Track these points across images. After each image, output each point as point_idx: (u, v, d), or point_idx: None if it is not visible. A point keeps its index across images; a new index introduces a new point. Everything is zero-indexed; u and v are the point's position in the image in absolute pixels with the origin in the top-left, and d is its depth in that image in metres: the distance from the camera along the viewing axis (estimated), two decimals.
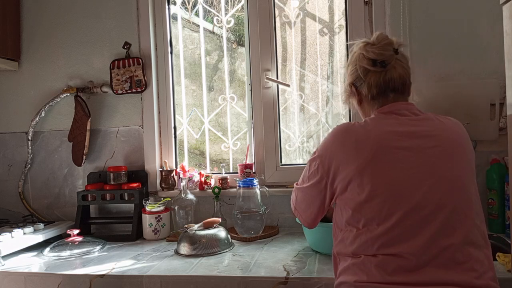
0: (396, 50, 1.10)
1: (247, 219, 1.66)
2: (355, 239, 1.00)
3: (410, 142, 1.00)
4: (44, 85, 2.02)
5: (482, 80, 1.58)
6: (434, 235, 0.93)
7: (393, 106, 1.09)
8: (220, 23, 1.97)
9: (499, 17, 1.10)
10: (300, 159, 1.94)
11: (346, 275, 1.00)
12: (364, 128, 1.05)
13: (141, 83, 1.89)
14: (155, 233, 1.74)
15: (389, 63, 1.09)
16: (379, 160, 0.99)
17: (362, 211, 0.99)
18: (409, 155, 0.99)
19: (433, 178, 0.97)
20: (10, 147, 2.06)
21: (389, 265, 0.94)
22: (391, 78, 1.09)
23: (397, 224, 0.95)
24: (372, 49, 1.10)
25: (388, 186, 0.97)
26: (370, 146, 1.00)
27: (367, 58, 1.10)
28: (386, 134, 1.02)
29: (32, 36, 2.03)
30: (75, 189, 1.99)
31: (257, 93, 1.86)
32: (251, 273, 1.27)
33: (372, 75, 1.11)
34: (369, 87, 1.11)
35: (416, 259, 0.92)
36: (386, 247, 0.95)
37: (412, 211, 0.95)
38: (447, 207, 0.95)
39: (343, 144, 1.04)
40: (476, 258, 0.93)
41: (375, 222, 0.97)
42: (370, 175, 0.98)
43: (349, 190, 1.02)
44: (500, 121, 1.55)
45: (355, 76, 1.15)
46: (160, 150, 1.97)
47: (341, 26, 1.86)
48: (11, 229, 1.67)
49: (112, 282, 1.33)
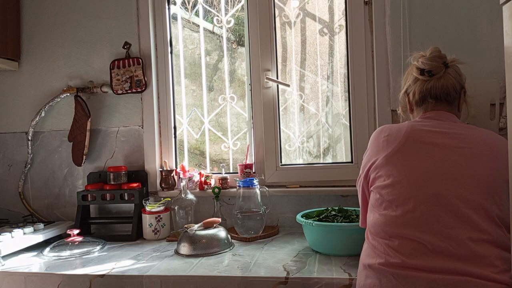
0: (446, 64, 1.21)
1: (247, 219, 1.66)
2: (375, 221, 1.06)
3: (440, 140, 1.06)
4: (44, 85, 2.02)
5: (482, 80, 1.57)
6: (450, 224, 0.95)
7: (433, 113, 1.18)
8: (220, 23, 1.97)
9: (499, 17, 1.11)
10: (300, 159, 1.94)
11: (365, 257, 1.05)
12: (398, 125, 1.15)
13: (141, 83, 1.89)
14: (155, 233, 1.74)
15: (436, 73, 1.20)
16: (406, 151, 1.07)
17: (384, 195, 1.06)
18: (437, 150, 1.04)
19: (457, 174, 1.00)
20: (10, 147, 2.06)
21: (406, 248, 0.97)
22: (433, 86, 1.19)
23: (415, 208, 0.99)
24: (423, 59, 1.22)
25: (411, 173, 1.03)
26: (400, 138, 1.09)
27: (416, 67, 1.23)
28: (417, 131, 1.10)
29: (32, 36, 2.03)
30: (75, 189, 1.99)
31: (257, 93, 1.86)
32: (251, 273, 1.27)
33: (419, 83, 1.22)
34: (414, 93, 1.23)
35: (431, 246, 0.94)
36: (402, 229, 0.98)
37: (431, 198, 0.98)
38: (468, 202, 0.96)
39: (377, 140, 1.16)
40: (498, 255, 0.93)
41: (394, 204, 1.03)
42: (396, 162, 1.06)
43: (378, 178, 1.10)
44: (500, 121, 1.55)
45: (408, 85, 1.27)
46: (160, 150, 1.97)
47: (341, 26, 1.86)
48: (11, 229, 1.67)
49: (112, 282, 1.33)
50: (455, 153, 1.03)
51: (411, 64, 1.28)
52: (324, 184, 1.79)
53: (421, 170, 1.02)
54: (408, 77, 1.28)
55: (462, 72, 1.25)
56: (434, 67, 1.20)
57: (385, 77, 1.68)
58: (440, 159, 1.02)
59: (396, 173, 1.05)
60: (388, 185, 1.05)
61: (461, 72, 1.25)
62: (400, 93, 1.33)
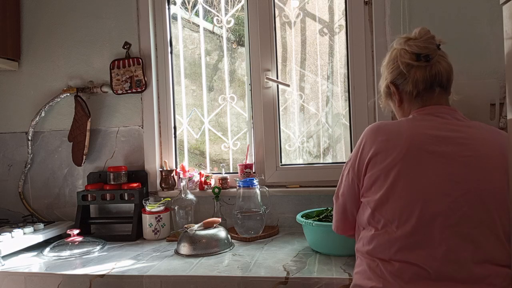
0: (438, 46, 1.08)
1: (247, 219, 1.66)
2: (372, 239, 0.98)
3: (444, 148, 0.96)
4: (44, 85, 2.02)
5: (482, 80, 1.57)
6: (454, 247, 0.90)
7: (433, 108, 1.06)
8: (220, 23, 1.97)
9: (499, 17, 1.11)
10: (300, 159, 1.94)
11: (362, 279, 0.98)
12: (397, 127, 1.02)
13: (141, 83, 1.89)
14: (155, 233, 1.74)
15: (433, 57, 1.06)
16: (409, 163, 0.96)
17: (382, 212, 0.97)
18: (441, 161, 0.95)
19: (462, 189, 0.93)
20: (10, 147, 2.06)
21: (405, 274, 0.91)
22: (438, 72, 1.06)
23: (417, 230, 0.92)
24: (415, 43, 1.07)
25: (414, 190, 0.94)
26: (401, 146, 0.97)
27: (410, 52, 1.07)
28: (420, 136, 0.98)
29: (32, 36, 2.03)
30: (75, 189, 1.99)
31: (257, 93, 1.86)
32: (251, 273, 1.27)
33: (416, 70, 1.07)
34: (415, 82, 1.07)
35: (433, 271, 0.89)
36: (403, 252, 0.92)
37: (434, 219, 0.91)
38: (472, 221, 0.91)
39: (372, 143, 1.02)
40: (497, 274, 0.90)
41: (394, 224, 0.94)
42: (397, 176, 0.96)
43: (373, 189, 1.00)
44: (500, 121, 1.55)
45: (396, 73, 1.10)
46: (160, 150, 1.97)
47: (341, 26, 1.86)
48: (11, 229, 1.67)
49: (112, 282, 1.33)
50: (458, 165, 0.94)
51: (393, 49, 1.13)
52: (324, 184, 1.79)
53: (423, 186, 0.93)
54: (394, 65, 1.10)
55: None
56: (431, 50, 1.06)
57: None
58: (445, 172, 0.94)
59: (396, 187, 0.95)
60: (386, 201, 0.96)
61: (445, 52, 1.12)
62: (382, 84, 1.17)
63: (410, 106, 1.11)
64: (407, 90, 1.09)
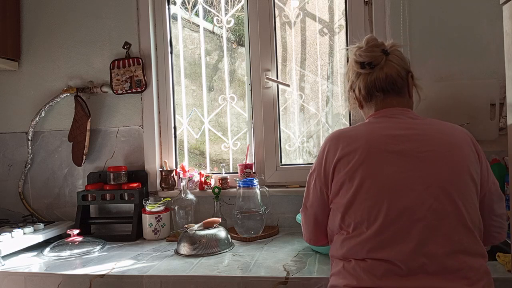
0: (385, 51, 1.11)
1: (247, 219, 1.66)
2: (344, 242, 1.00)
3: (402, 146, 0.99)
4: (44, 85, 2.02)
5: (482, 80, 1.58)
6: (424, 241, 0.91)
7: (388, 111, 1.10)
8: (220, 23, 1.97)
9: (499, 17, 1.11)
10: (300, 159, 1.94)
11: (337, 279, 1.00)
12: (355, 132, 1.06)
13: (141, 83, 1.89)
14: (155, 233, 1.74)
15: (377, 64, 1.11)
16: (370, 164, 0.99)
17: (351, 214, 0.99)
18: (401, 159, 0.98)
19: (424, 184, 0.95)
20: (10, 147, 2.06)
21: (378, 270, 0.93)
22: (377, 78, 1.10)
23: (386, 228, 0.94)
24: (360, 52, 1.12)
25: (378, 189, 0.97)
26: (361, 149, 1.00)
27: (355, 61, 1.14)
28: (377, 138, 1.02)
29: (32, 36, 2.03)
30: (75, 189, 1.99)
31: (257, 93, 1.86)
32: (251, 273, 1.27)
33: (361, 77, 1.13)
34: (359, 89, 1.14)
35: (405, 266, 0.91)
36: (375, 251, 0.94)
37: (401, 215, 0.93)
38: (439, 213, 0.93)
39: (335, 150, 1.05)
40: (470, 266, 0.91)
41: (364, 225, 0.96)
42: (361, 178, 0.98)
43: (340, 194, 1.02)
44: (500, 121, 1.55)
45: (351, 81, 1.18)
46: (160, 150, 1.97)
47: (341, 26, 1.86)
48: (11, 229, 1.67)
49: (112, 282, 1.33)
50: (418, 160, 0.97)
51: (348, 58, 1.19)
52: None
53: (386, 184, 0.96)
54: (349, 73, 1.18)
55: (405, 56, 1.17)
56: (374, 57, 1.10)
57: None
58: (406, 169, 0.97)
59: (361, 190, 0.97)
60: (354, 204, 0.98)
61: (403, 56, 1.15)
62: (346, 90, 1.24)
63: (368, 108, 1.16)
64: (357, 96, 1.16)
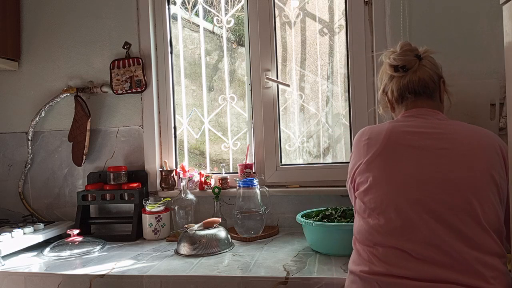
0: (418, 56, 1.18)
1: (247, 219, 1.66)
2: (360, 227, 1.05)
3: (421, 142, 1.03)
4: (44, 85, 2.02)
5: (482, 80, 1.57)
6: (434, 232, 0.93)
7: (416, 111, 1.15)
8: (220, 23, 1.97)
9: (499, 17, 1.11)
10: (300, 159, 1.94)
11: (353, 265, 1.04)
12: (379, 127, 1.12)
13: (141, 83, 1.89)
14: (155, 233, 1.74)
15: (411, 67, 1.17)
16: (387, 155, 1.04)
17: (366, 202, 1.04)
18: (418, 153, 1.02)
19: (439, 178, 0.97)
20: (10, 147, 2.06)
21: (390, 257, 0.95)
22: (410, 81, 1.16)
23: (397, 217, 0.97)
24: (394, 56, 1.19)
25: (392, 180, 1.01)
26: (380, 142, 1.06)
27: (389, 65, 1.20)
28: (398, 133, 1.07)
29: (32, 36, 2.03)
30: (75, 189, 1.99)
31: (257, 93, 1.86)
32: (251, 273, 1.27)
33: (395, 79, 1.19)
34: (392, 91, 1.20)
35: (416, 254, 0.93)
36: (386, 238, 0.97)
37: (412, 206, 0.96)
38: (451, 208, 0.94)
39: (358, 144, 1.13)
40: (483, 263, 0.91)
41: (376, 212, 1.01)
42: (377, 168, 1.04)
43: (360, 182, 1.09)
44: (500, 121, 1.55)
45: (384, 83, 1.24)
46: (160, 150, 1.97)
47: (341, 26, 1.86)
48: (11, 229, 1.67)
49: (112, 282, 1.33)
50: (435, 156, 1.00)
51: (383, 63, 1.25)
52: (324, 184, 1.79)
53: (401, 175, 1.00)
54: (383, 76, 1.25)
55: (438, 62, 1.22)
56: (407, 61, 1.17)
57: None
58: (422, 163, 1.00)
59: (377, 179, 1.03)
60: (369, 191, 1.04)
61: (436, 62, 1.21)
62: (379, 93, 1.29)
63: (399, 110, 1.22)
64: (389, 98, 1.22)
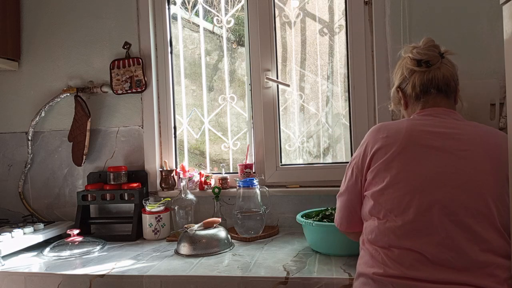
0: (441, 54, 1.16)
1: (247, 219, 1.66)
2: (374, 228, 1.03)
3: (441, 143, 1.02)
4: (44, 85, 2.02)
5: (482, 80, 1.57)
6: (452, 235, 0.92)
7: (433, 110, 1.13)
8: (220, 23, 1.97)
9: (499, 17, 1.10)
10: (300, 159, 1.94)
11: (365, 267, 1.02)
12: (397, 125, 1.10)
13: (141, 83, 1.89)
14: (155, 233, 1.74)
15: (434, 63, 1.15)
16: (407, 156, 1.02)
17: (382, 202, 1.02)
18: (438, 154, 1.01)
19: (459, 180, 0.97)
20: (10, 147, 2.06)
21: (405, 259, 0.94)
22: (434, 76, 1.14)
23: (415, 218, 0.96)
24: (418, 50, 1.17)
25: (411, 181, 0.99)
26: (400, 141, 1.04)
27: (412, 59, 1.17)
28: (417, 132, 1.05)
29: (32, 36, 2.03)
30: (75, 189, 1.99)
31: (257, 93, 1.86)
32: (251, 273, 1.27)
33: (416, 74, 1.16)
34: (413, 85, 1.16)
35: (432, 257, 0.92)
36: (403, 239, 0.96)
37: (431, 208, 0.95)
38: (469, 211, 0.94)
39: (375, 140, 1.10)
40: (498, 265, 0.91)
41: (393, 213, 0.99)
42: (396, 168, 1.02)
43: (374, 182, 1.06)
44: (500, 121, 1.55)
45: (401, 78, 1.21)
46: (160, 150, 1.97)
47: (341, 26, 1.86)
48: (11, 229, 1.67)
49: (112, 282, 1.33)
50: (455, 158, 0.99)
51: (402, 58, 1.24)
52: (324, 184, 1.79)
53: (421, 176, 0.99)
54: (400, 71, 1.22)
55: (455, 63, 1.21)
56: (432, 57, 1.15)
57: (385, 77, 1.68)
58: (442, 164, 0.99)
59: (395, 179, 1.01)
60: (386, 192, 1.02)
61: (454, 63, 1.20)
62: (392, 89, 1.27)
63: (413, 108, 1.19)
64: (408, 93, 1.19)
